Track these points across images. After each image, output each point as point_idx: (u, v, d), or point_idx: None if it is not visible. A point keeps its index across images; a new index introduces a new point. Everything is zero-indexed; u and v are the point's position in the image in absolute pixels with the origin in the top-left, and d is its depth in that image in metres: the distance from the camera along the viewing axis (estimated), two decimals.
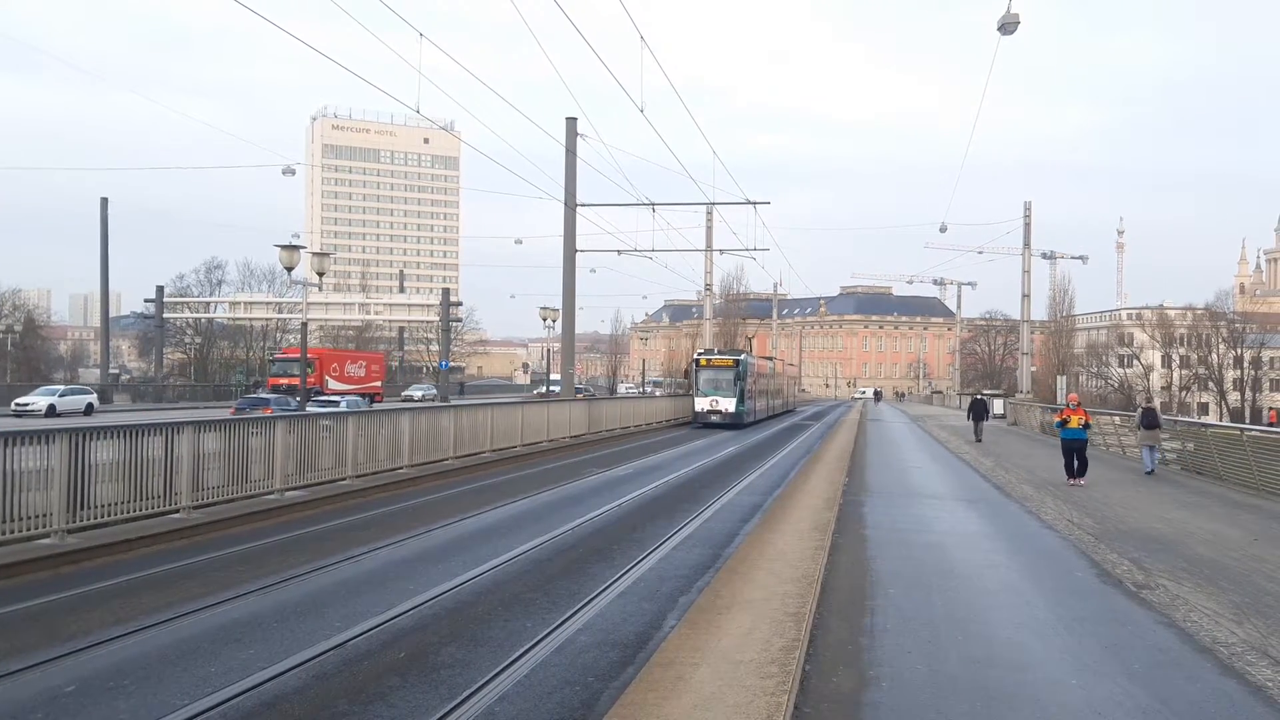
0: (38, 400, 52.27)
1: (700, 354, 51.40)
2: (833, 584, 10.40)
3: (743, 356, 50.23)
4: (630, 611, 10.03)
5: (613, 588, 11.01)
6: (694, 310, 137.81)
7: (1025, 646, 8.39)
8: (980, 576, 11.40)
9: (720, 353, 52.42)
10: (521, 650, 8.43)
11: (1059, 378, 62.87)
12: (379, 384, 71.21)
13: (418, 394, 78.22)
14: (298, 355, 61.37)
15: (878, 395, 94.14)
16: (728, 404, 47.97)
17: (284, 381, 59.20)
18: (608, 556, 12.88)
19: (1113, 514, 16.48)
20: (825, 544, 12.65)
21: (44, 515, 12.13)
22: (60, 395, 54.06)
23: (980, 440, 36.65)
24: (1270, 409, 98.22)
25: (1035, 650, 8.29)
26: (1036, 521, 15.72)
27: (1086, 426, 22.23)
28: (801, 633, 8.22)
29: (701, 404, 48.45)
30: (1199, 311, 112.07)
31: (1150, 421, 24.86)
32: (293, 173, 56.70)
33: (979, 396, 45.47)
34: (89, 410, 54.32)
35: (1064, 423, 22.14)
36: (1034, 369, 67.94)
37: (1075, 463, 21.59)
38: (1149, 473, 24.10)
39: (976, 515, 16.58)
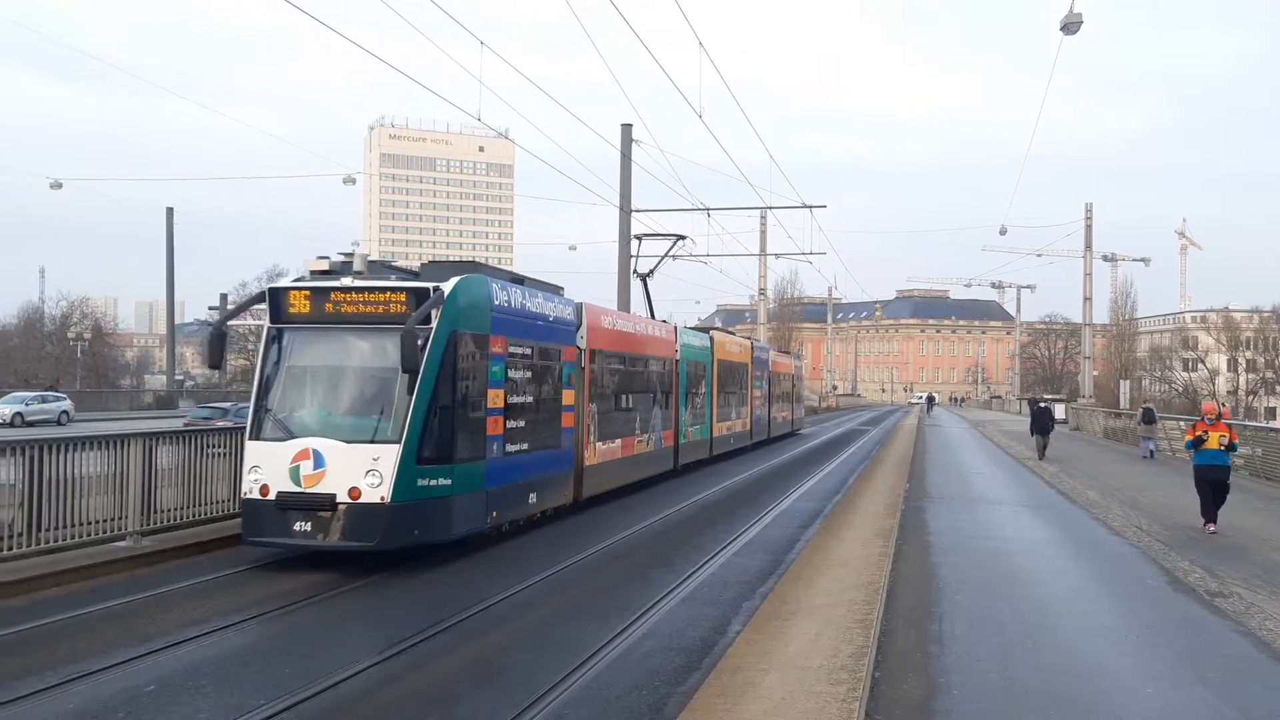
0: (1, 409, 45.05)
1: (293, 281, 13.98)
2: (898, 590, 10.34)
3: (448, 286, 12.74)
4: (694, 617, 10.05)
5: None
6: (747, 315, 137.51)
7: (1097, 654, 8.28)
8: (1048, 583, 11.27)
9: (360, 271, 12.93)
10: (588, 654, 8.46)
11: (1122, 382, 61.85)
12: None
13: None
14: None
15: (931, 401, 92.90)
16: (360, 476, 11.79)
17: None
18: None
19: (1183, 520, 16.19)
20: (889, 550, 12.58)
21: (118, 519, 12.43)
22: (26, 405, 46.42)
23: (1044, 458, 29.15)
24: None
25: (1108, 658, 8.18)
26: (1104, 528, 15.48)
27: (1231, 448, 15.47)
28: (869, 639, 8.19)
29: (264, 471, 12.12)
30: (1266, 314, 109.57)
31: (1149, 418, 31.70)
32: (353, 181, 57.22)
33: (1042, 404, 34.63)
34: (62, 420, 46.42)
35: (1198, 441, 15.21)
36: (1096, 373, 66.88)
37: (1214, 499, 15.24)
38: (1145, 457, 30.25)
39: (1042, 521, 16.37)
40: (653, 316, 26.24)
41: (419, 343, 11.89)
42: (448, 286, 12.68)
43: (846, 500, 19.34)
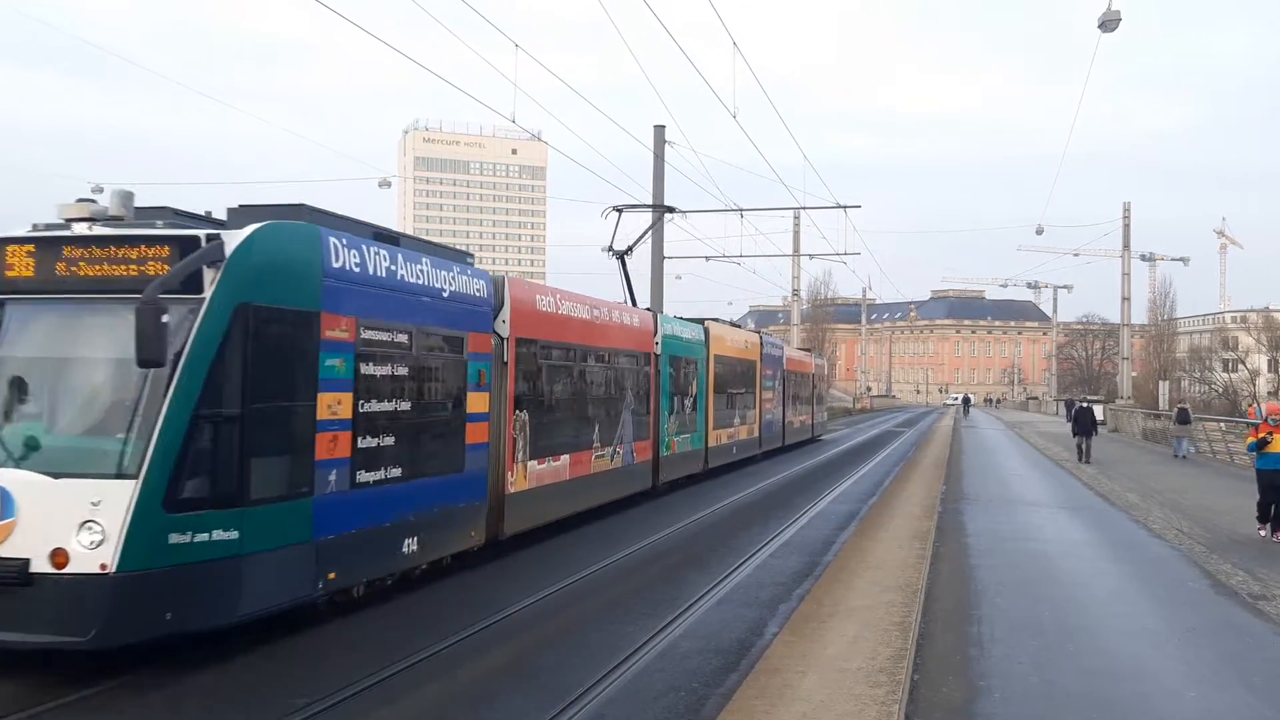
0: None
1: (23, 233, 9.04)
2: (936, 592, 10.31)
3: (238, 235, 8.75)
4: (730, 618, 10.09)
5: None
6: (780, 315, 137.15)
7: (1139, 657, 8.24)
8: (1088, 586, 11.20)
9: (118, 217, 8.97)
10: (624, 655, 8.53)
11: (1161, 383, 61.04)
12: None
13: None
14: None
15: (967, 402, 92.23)
16: (70, 531, 7.72)
17: None
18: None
19: (1224, 523, 16.03)
20: (926, 552, 12.55)
21: None
22: None
23: (1088, 461, 28.14)
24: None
25: (1150, 661, 8.14)
26: (1144, 530, 15.35)
27: None
28: (908, 641, 8.19)
29: None
30: None
31: (1183, 419, 32.12)
32: (389, 185, 57.59)
33: (1084, 404, 34.42)
34: None
35: (1262, 443, 14.59)
36: (1134, 374, 66.23)
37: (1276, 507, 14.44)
38: (1179, 457, 30.51)
39: (1081, 523, 16.26)
40: (634, 303, 22.30)
41: (165, 320, 7.87)
42: (236, 236, 8.62)
43: (882, 502, 19.27)
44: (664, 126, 34.82)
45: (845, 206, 41.71)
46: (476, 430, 12.25)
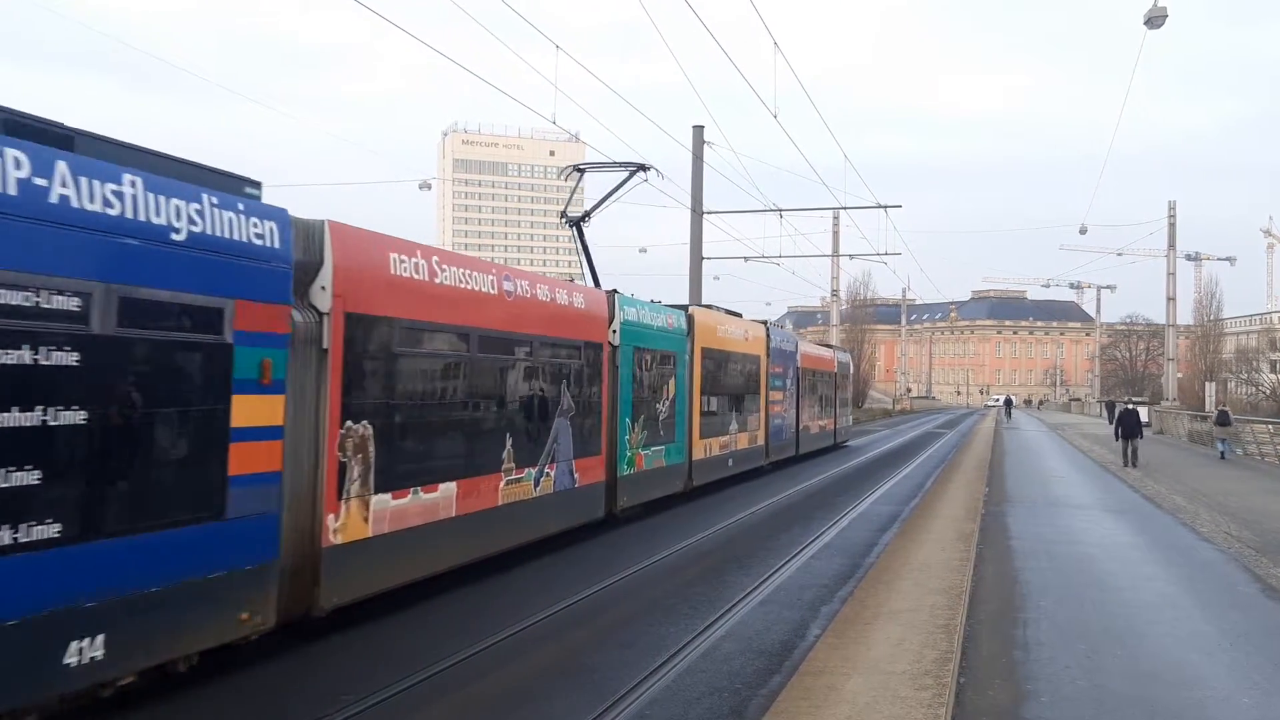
0: None
1: None
2: (981, 595, 10.21)
3: None
4: (772, 619, 10.05)
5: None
6: (819, 316, 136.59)
7: (1190, 662, 8.11)
8: (1136, 589, 11.04)
9: None
10: (668, 655, 8.52)
11: (1207, 384, 60.26)
12: None
13: None
14: None
15: (1008, 403, 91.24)
16: None
17: None
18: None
19: (1274, 526, 15.77)
20: (970, 555, 12.43)
21: None
22: None
23: (1134, 465, 27.29)
24: None
25: (1201, 666, 8.01)
26: (1192, 534, 15.12)
27: None
28: (954, 644, 8.12)
29: None
30: None
31: (1223, 420, 32.66)
32: (429, 187, 58.08)
33: (1129, 406, 32.55)
34: None
35: None
36: (1179, 375, 65.35)
37: None
38: (1221, 457, 31.21)
39: (1127, 527, 16.04)
40: (596, 280, 18.75)
41: None
42: None
43: (924, 505, 19.11)
44: (703, 127, 34.78)
45: (886, 206, 41.50)
46: (252, 453, 7.93)
